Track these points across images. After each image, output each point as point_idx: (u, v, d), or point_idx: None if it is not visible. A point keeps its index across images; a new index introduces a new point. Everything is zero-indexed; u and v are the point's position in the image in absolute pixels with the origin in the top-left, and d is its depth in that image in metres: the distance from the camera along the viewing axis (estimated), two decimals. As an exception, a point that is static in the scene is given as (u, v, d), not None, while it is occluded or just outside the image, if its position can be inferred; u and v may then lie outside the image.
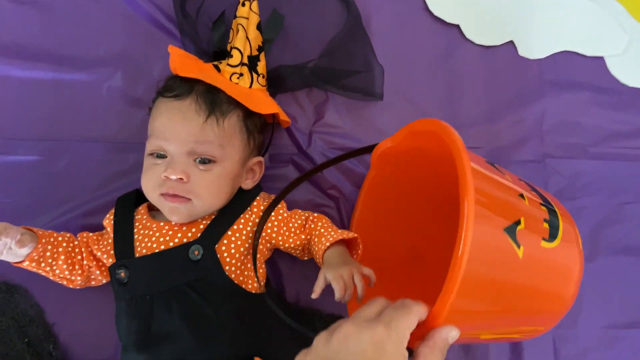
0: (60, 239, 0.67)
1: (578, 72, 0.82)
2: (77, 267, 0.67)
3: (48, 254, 0.65)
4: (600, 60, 0.82)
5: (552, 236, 0.58)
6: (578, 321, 0.76)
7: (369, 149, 0.71)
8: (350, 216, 0.75)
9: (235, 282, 0.63)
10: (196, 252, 0.62)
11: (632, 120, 0.82)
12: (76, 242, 0.68)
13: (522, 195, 0.57)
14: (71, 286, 0.70)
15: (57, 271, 0.66)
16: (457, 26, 0.81)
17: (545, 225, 0.58)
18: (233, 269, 0.64)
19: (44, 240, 0.64)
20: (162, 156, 0.64)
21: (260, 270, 0.68)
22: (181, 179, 0.62)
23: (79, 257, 0.67)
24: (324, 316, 0.74)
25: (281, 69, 0.75)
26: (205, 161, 0.63)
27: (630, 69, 0.82)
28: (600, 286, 0.77)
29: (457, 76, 0.81)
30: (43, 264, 0.65)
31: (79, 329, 0.72)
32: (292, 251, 0.70)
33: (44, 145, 0.75)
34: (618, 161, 0.80)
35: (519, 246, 0.53)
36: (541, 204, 0.60)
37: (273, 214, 0.68)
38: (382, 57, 0.77)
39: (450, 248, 0.49)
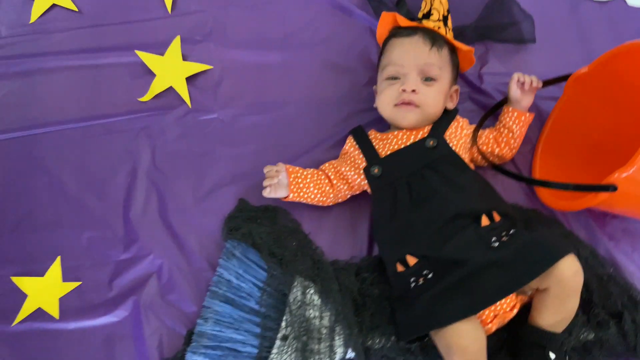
0: (304, 171, 0.89)
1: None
2: (326, 188, 0.89)
3: (301, 184, 0.87)
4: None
5: None
6: None
7: (564, 77, 0.90)
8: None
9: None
10: (431, 142, 0.84)
11: None
12: (320, 172, 0.90)
13: None
14: (325, 205, 0.91)
15: (312, 196, 0.88)
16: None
17: None
18: (459, 153, 0.85)
19: (292, 175, 0.87)
20: (395, 78, 0.87)
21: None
22: (414, 90, 0.84)
23: (326, 180, 0.89)
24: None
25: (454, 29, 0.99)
26: (429, 79, 0.86)
27: None
28: None
29: (584, 25, 1.03)
30: (301, 193, 0.88)
31: (329, 235, 0.91)
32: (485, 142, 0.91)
33: (276, 107, 1.00)
34: None
35: None
36: None
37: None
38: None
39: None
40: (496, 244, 0.75)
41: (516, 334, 0.77)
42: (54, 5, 1.06)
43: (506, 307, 0.75)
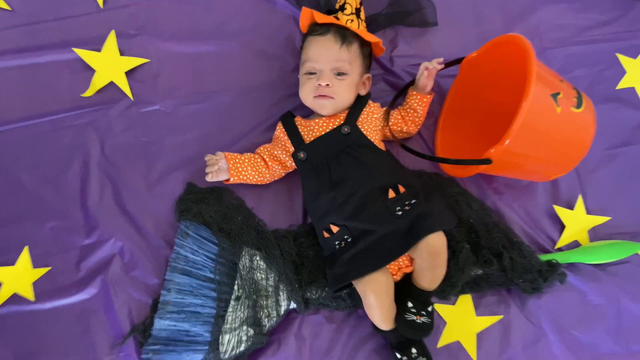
0: (241, 156, 1.02)
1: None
2: (263, 169, 1.02)
3: (240, 168, 1.01)
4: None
5: (579, 106, 0.94)
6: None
7: (460, 60, 1.06)
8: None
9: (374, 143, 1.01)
10: (346, 129, 0.99)
11: (595, 17, 1.21)
12: (256, 155, 1.03)
13: (562, 81, 0.94)
14: (264, 183, 1.05)
15: (250, 177, 1.02)
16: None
17: (575, 99, 0.94)
18: (370, 136, 1.01)
19: (231, 161, 1.00)
20: (313, 73, 1.00)
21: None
22: (328, 84, 0.98)
23: (262, 162, 1.03)
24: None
25: (367, 18, 1.12)
26: (341, 74, 0.99)
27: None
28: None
29: (478, 9, 1.19)
30: (241, 175, 1.01)
31: (269, 208, 1.06)
32: (394, 122, 1.07)
33: (213, 95, 1.11)
34: (592, 44, 1.19)
35: (558, 106, 0.89)
36: (573, 87, 0.97)
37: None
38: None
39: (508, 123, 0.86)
40: (400, 213, 0.93)
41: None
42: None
43: (405, 263, 0.95)
